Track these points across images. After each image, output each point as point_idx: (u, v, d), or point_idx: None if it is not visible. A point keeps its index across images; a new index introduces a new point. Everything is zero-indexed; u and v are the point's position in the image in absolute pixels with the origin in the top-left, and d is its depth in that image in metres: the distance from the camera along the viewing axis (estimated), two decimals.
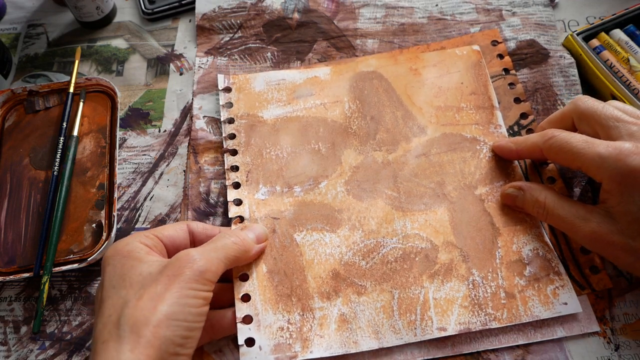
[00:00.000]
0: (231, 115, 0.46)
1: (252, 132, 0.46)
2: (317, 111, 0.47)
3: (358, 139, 0.45)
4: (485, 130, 0.45)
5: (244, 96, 0.47)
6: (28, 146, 0.47)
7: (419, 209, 0.42)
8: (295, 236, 0.41)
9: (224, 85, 0.48)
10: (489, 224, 0.41)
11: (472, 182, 0.43)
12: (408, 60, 0.48)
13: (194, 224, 0.38)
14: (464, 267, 0.39)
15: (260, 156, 0.45)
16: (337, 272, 0.40)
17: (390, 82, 0.48)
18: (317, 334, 0.37)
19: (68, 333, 0.40)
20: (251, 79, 0.48)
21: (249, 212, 0.42)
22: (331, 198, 0.43)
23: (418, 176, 0.43)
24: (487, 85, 0.47)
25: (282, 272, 0.40)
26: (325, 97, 0.47)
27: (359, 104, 0.47)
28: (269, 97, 0.47)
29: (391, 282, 0.39)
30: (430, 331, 0.37)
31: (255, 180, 0.44)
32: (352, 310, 0.38)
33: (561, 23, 0.51)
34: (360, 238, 0.41)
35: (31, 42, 0.54)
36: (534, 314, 0.38)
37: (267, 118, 0.46)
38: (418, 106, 0.46)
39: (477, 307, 0.38)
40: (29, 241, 0.43)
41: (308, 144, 0.45)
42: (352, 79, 0.48)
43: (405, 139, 0.45)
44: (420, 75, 0.48)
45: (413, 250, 0.40)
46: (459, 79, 0.47)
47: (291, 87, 0.48)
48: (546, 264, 0.39)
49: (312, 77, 0.48)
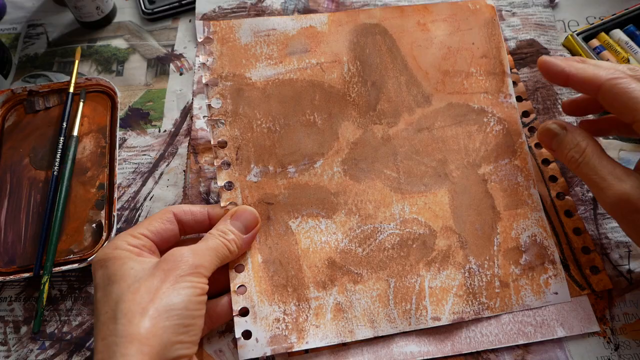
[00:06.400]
0: (214, 76, 0.41)
1: (240, 98, 0.41)
2: (312, 73, 0.42)
3: (357, 109, 0.42)
4: (494, 100, 0.43)
5: (227, 50, 0.42)
6: (28, 146, 0.47)
7: (419, 191, 0.41)
8: (290, 223, 0.40)
9: (204, 35, 0.42)
10: (489, 208, 0.40)
11: (475, 159, 0.41)
12: (415, 11, 0.44)
13: (180, 210, 0.37)
14: (461, 254, 0.39)
15: (250, 129, 0.41)
16: (333, 261, 0.39)
17: (395, 39, 0.44)
18: (312, 324, 0.37)
19: (68, 333, 0.40)
20: (236, 27, 0.43)
21: (242, 198, 0.40)
22: (327, 179, 0.41)
23: (419, 153, 0.42)
24: (500, 48, 0.44)
25: (277, 261, 0.39)
26: (321, 54, 0.43)
27: (360, 65, 0.43)
28: (258, 53, 0.42)
29: (387, 271, 0.39)
30: (424, 321, 0.37)
31: (246, 158, 0.41)
32: (347, 299, 0.38)
33: (561, 23, 0.51)
34: (357, 224, 0.40)
35: (31, 42, 0.54)
36: (525, 304, 0.38)
37: (256, 80, 0.42)
38: (424, 70, 0.43)
39: (472, 296, 0.38)
40: (29, 241, 0.43)
41: (303, 114, 0.42)
42: (353, 32, 0.43)
43: (408, 109, 0.42)
44: (429, 31, 0.44)
45: (410, 237, 0.40)
46: (470, 38, 0.44)
47: (283, 39, 0.43)
48: (542, 251, 0.39)
49: (307, 26, 0.43)
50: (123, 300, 0.30)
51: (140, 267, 0.32)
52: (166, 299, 0.30)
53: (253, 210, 0.39)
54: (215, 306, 0.37)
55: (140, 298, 0.30)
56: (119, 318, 0.29)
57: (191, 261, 0.32)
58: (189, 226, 0.38)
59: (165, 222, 0.36)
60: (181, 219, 0.37)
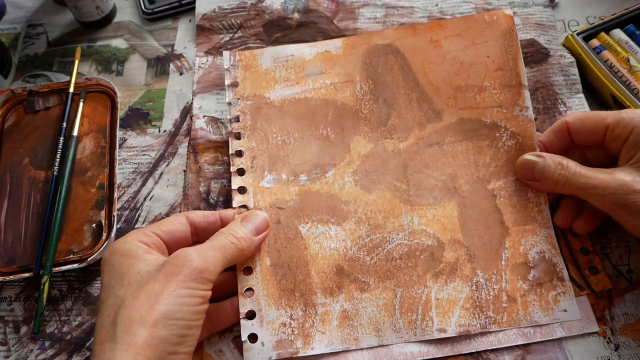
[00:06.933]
0: (237, 96, 0.44)
1: (258, 115, 0.43)
2: (326, 92, 0.44)
3: (368, 124, 0.43)
4: (508, 114, 0.42)
5: (250, 75, 0.45)
6: (28, 146, 0.47)
7: (428, 203, 0.41)
8: (300, 228, 0.40)
9: (230, 63, 0.46)
10: (498, 223, 0.40)
11: (485, 175, 0.41)
12: (428, 29, 0.44)
13: (193, 214, 0.38)
14: (469, 267, 0.39)
15: (266, 141, 0.43)
16: (341, 268, 0.39)
17: (406, 57, 0.44)
18: (318, 330, 0.37)
19: (68, 333, 0.40)
20: (258, 55, 0.46)
21: (254, 202, 0.41)
22: (338, 188, 0.41)
23: (429, 167, 0.42)
24: (517, 60, 0.43)
25: (285, 265, 0.39)
26: (335, 75, 0.44)
27: (372, 84, 0.44)
28: (277, 76, 0.45)
29: (394, 280, 0.39)
30: (430, 332, 0.37)
31: (261, 166, 0.42)
32: (354, 307, 0.38)
33: (561, 23, 0.51)
34: (366, 232, 0.40)
35: (31, 42, 0.54)
36: (533, 319, 0.38)
37: (274, 99, 0.44)
38: (435, 86, 0.43)
39: (479, 309, 0.38)
40: (29, 241, 0.43)
41: (316, 129, 0.43)
42: (366, 54, 0.45)
43: (418, 125, 0.43)
44: (441, 47, 0.44)
45: (419, 248, 0.40)
46: (485, 51, 0.43)
47: (300, 64, 0.45)
48: (551, 268, 0.39)
49: (323, 51, 0.45)
50: (124, 305, 0.30)
51: (146, 269, 0.32)
52: (165, 307, 0.30)
53: (264, 213, 0.39)
54: (219, 310, 0.37)
55: (140, 304, 0.30)
56: (118, 324, 0.29)
57: (195, 264, 0.32)
58: (201, 229, 0.38)
59: (177, 224, 0.36)
60: (194, 221, 0.37)
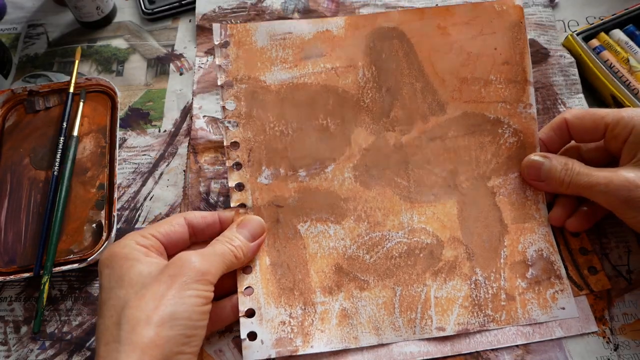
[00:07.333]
0: (229, 78, 0.41)
1: (254, 101, 0.41)
2: (327, 77, 0.41)
3: (370, 115, 0.41)
4: (512, 110, 0.41)
5: (243, 53, 0.41)
6: (28, 146, 0.47)
7: (428, 200, 0.41)
8: (299, 227, 0.40)
9: (221, 38, 0.41)
10: (497, 221, 0.40)
11: (486, 171, 0.41)
12: (436, 13, 0.42)
13: (192, 215, 0.38)
14: (467, 265, 0.39)
15: (262, 132, 0.41)
16: (340, 267, 0.39)
17: (412, 43, 0.42)
18: (318, 328, 0.37)
19: (68, 333, 0.40)
20: (252, 30, 0.42)
21: (252, 200, 0.40)
22: (337, 185, 0.41)
23: (431, 163, 0.41)
24: (524, 54, 0.42)
25: (285, 265, 0.39)
26: (337, 59, 0.42)
27: (375, 71, 0.42)
28: (273, 56, 0.41)
29: (394, 279, 0.39)
30: (429, 330, 0.37)
31: (258, 160, 0.40)
32: (353, 305, 0.38)
33: (561, 23, 0.51)
34: (366, 230, 0.40)
35: (31, 42, 0.54)
36: (532, 317, 0.38)
37: (271, 83, 0.41)
38: (441, 76, 0.42)
39: (477, 307, 0.38)
40: (29, 241, 0.43)
41: (316, 119, 0.41)
42: (370, 36, 0.42)
43: (422, 117, 0.42)
44: (449, 35, 0.42)
45: (418, 246, 0.40)
46: (493, 42, 0.42)
47: (299, 43, 0.42)
48: (549, 266, 0.39)
49: (324, 30, 0.42)
50: (129, 306, 0.30)
51: (147, 271, 0.32)
52: (171, 307, 0.30)
53: (260, 219, 0.39)
54: (218, 309, 0.37)
55: (146, 305, 0.30)
56: (123, 324, 0.29)
57: (198, 267, 0.32)
58: (200, 230, 0.38)
59: (175, 225, 0.36)
60: (192, 222, 0.37)
